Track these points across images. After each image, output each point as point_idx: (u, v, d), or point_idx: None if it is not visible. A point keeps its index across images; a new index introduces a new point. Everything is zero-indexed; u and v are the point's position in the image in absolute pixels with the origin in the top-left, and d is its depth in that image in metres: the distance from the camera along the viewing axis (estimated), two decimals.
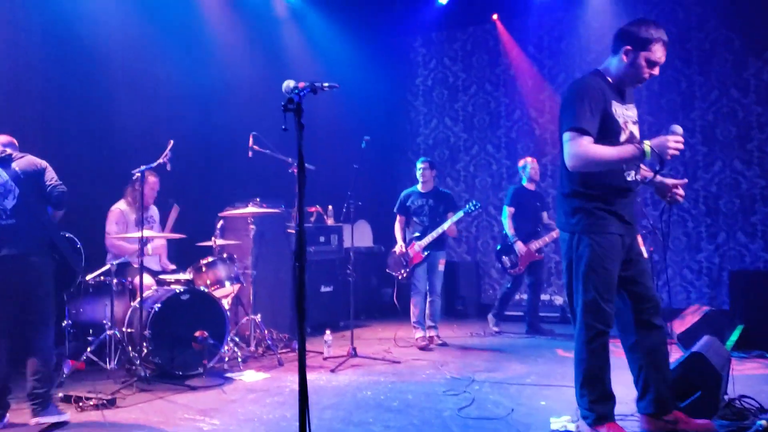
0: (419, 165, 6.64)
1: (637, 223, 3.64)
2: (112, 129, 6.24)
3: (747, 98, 7.61)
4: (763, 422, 3.48)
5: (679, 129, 3.19)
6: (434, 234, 6.37)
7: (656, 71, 3.34)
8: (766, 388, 4.37)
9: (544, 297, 8.50)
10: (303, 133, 2.19)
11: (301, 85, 2.34)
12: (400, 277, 6.52)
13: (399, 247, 6.51)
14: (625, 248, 3.41)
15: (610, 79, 3.37)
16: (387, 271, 6.69)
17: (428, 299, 6.52)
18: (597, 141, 3.20)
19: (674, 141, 3.15)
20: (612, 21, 8.43)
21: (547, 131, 8.87)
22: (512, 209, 7.01)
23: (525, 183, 7.18)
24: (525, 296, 7.57)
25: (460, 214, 6.33)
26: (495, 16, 9.15)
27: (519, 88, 9.10)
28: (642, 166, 3.50)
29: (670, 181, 3.49)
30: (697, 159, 7.99)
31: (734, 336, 5.56)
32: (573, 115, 3.19)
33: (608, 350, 3.47)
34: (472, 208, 6.37)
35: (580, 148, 3.16)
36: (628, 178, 3.37)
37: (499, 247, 7.22)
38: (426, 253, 6.42)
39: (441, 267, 6.52)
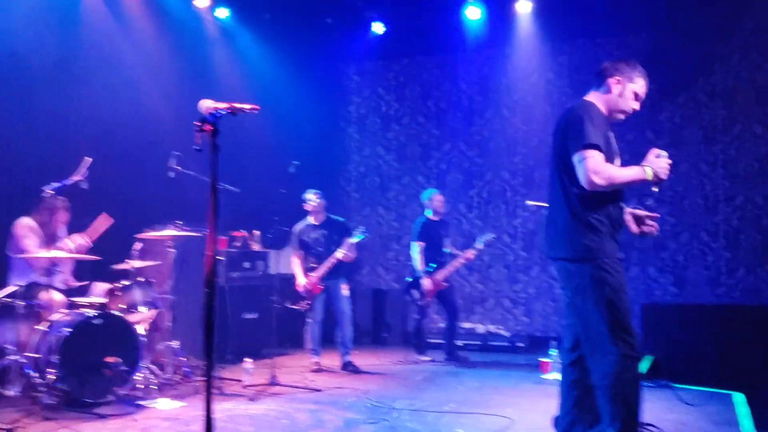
0: (311, 197, 6.63)
1: None
2: (24, 142, 5.97)
3: (660, 140, 7.97)
4: None
5: (664, 153, 3.27)
6: (327, 265, 6.45)
7: (638, 106, 3.43)
8: (670, 416, 4.56)
9: (467, 325, 8.62)
10: (218, 155, 2.15)
11: (221, 106, 2.31)
12: (302, 309, 6.52)
13: (301, 282, 6.53)
14: None
15: (602, 108, 3.41)
16: (287, 306, 6.68)
17: (339, 327, 6.56)
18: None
19: (666, 161, 3.22)
20: (539, 62, 8.79)
21: (475, 164, 9.07)
22: (421, 243, 7.11)
23: (430, 215, 7.29)
24: (434, 324, 7.71)
25: (350, 242, 6.45)
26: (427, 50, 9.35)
27: (449, 122, 9.29)
28: None
29: (643, 212, 3.53)
30: None
31: (644, 366, 5.75)
32: (585, 134, 3.16)
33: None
34: (360, 236, 6.47)
35: (601, 165, 3.13)
36: (622, 204, 3.41)
37: (410, 280, 7.28)
38: (323, 285, 6.48)
39: (344, 292, 6.60)
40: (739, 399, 5.19)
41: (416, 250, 7.13)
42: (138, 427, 4.32)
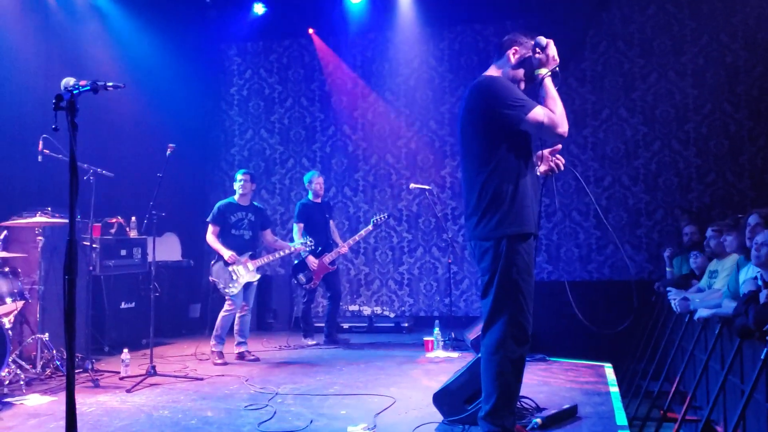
0: (240, 177, 6.48)
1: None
2: None
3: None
4: (538, 420, 3.82)
5: (542, 39, 3.37)
6: (270, 257, 6.50)
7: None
8: (544, 389, 4.82)
9: (353, 308, 8.74)
10: (76, 134, 2.04)
11: (81, 83, 2.19)
12: (225, 289, 6.23)
13: (231, 254, 6.22)
14: None
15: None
16: (211, 280, 6.36)
17: (239, 314, 6.37)
18: (516, 132, 3.23)
19: (544, 40, 3.35)
20: (419, 47, 8.93)
21: (360, 148, 9.13)
22: (301, 225, 7.15)
23: (311, 197, 7.32)
24: (321, 308, 7.76)
25: (297, 244, 6.65)
26: (311, 31, 9.27)
27: (333, 105, 9.28)
28: None
29: (546, 150, 3.52)
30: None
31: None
32: (524, 101, 3.18)
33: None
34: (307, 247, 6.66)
35: (552, 115, 3.16)
36: (537, 171, 3.42)
37: (296, 263, 7.26)
38: (258, 275, 6.37)
39: (255, 282, 6.44)
40: (608, 370, 5.55)
41: (297, 231, 7.13)
42: (3, 426, 4.05)
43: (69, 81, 2.24)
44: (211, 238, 6.39)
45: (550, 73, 3.31)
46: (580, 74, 8.49)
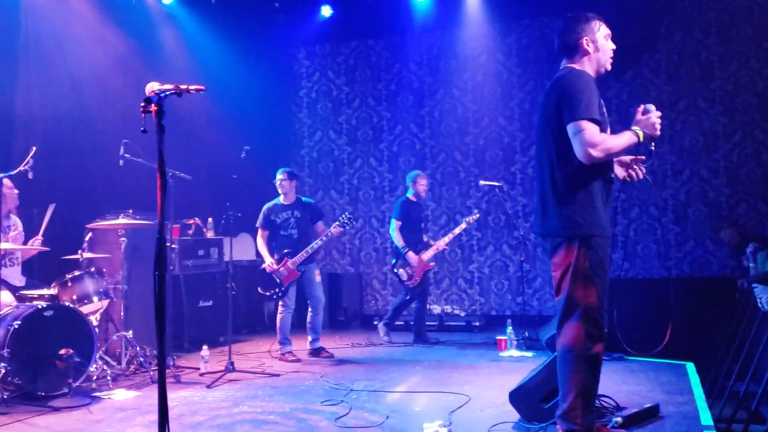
0: (279, 176, 6.51)
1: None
2: None
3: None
4: (618, 419, 3.73)
5: (652, 107, 3.24)
6: (309, 250, 6.32)
7: (613, 46, 3.36)
8: (624, 388, 4.70)
9: None
10: (166, 136, 2.13)
11: (165, 87, 2.28)
12: (274, 297, 6.37)
13: (269, 263, 6.30)
14: None
15: (590, 72, 3.31)
16: (259, 290, 6.45)
17: (311, 312, 6.46)
18: None
19: (657, 117, 3.19)
20: (487, 42, 8.86)
21: (427, 146, 9.13)
22: (399, 222, 7.11)
23: (410, 195, 7.30)
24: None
25: (338, 228, 6.30)
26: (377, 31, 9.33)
27: (400, 104, 9.31)
28: None
29: (629, 157, 3.44)
30: None
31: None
32: (583, 105, 3.07)
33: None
34: (346, 220, 6.34)
35: (597, 137, 3.04)
36: (612, 174, 3.34)
37: (394, 261, 7.23)
38: (301, 271, 6.37)
39: (318, 278, 6.48)
40: (690, 369, 5.37)
41: (394, 227, 7.09)
42: (93, 419, 4.25)
43: (153, 85, 2.33)
44: (259, 242, 6.48)
45: (641, 135, 3.17)
46: (654, 65, 8.23)
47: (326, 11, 8.89)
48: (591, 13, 3.37)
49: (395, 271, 7.15)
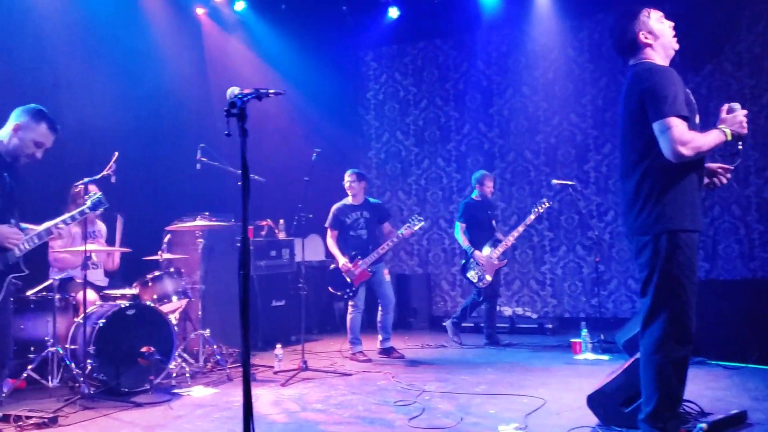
0: (347, 177, 6.57)
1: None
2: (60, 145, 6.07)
3: None
4: (703, 425, 3.58)
5: (737, 105, 3.16)
6: (380, 251, 6.37)
7: (671, 24, 3.28)
8: (707, 393, 4.51)
9: None
10: (247, 139, 2.17)
11: (246, 91, 2.33)
12: (346, 297, 6.41)
13: (344, 263, 6.34)
14: None
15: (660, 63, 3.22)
16: (330, 290, 6.52)
17: (381, 312, 6.50)
18: None
19: (743, 115, 3.11)
20: (557, 38, 8.68)
21: (496, 145, 9.02)
22: (464, 224, 7.06)
23: (475, 196, 7.24)
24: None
25: (409, 230, 6.35)
26: (444, 30, 9.28)
27: (468, 103, 9.23)
28: None
29: (715, 165, 3.37)
30: None
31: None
32: (669, 101, 2.99)
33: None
34: (416, 222, 6.38)
35: (686, 134, 2.97)
36: (704, 170, 3.25)
37: (463, 262, 7.18)
38: (372, 271, 6.41)
39: (387, 277, 6.53)
40: None
41: (458, 229, 7.06)
42: (174, 415, 4.39)
43: (234, 90, 2.38)
44: (330, 242, 6.51)
45: (728, 134, 3.08)
46: (735, 58, 7.87)
47: (393, 12, 8.91)
48: (635, 4, 3.28)
49: (466, 274, 7.09)
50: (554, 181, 7.22)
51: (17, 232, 3.43)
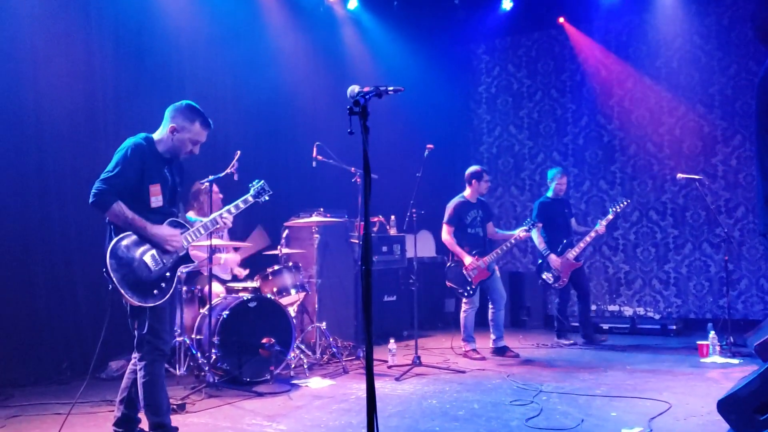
0: (487, 176, 6.61)
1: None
2: None
3: None
4: None
5: None
6: (499, 251, 6.35)
7: None
8: None
9: (612, 308, 8.34)
10: (368, 137, 2.19)
11: (366, 89, 2.35)
12: (466, 295, 6.35)
13: (471, 261, 6.25)
14: None
15: None
16: (448, 285, 6.47)
17: (492, 309, 6.41)
18: None
19: None
20: (681, 25, 8.23)
21: (616, 138, 8.66)
22: (540, 224, 6.90)
23: (550, 195, 7.11)
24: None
25: (525, 233, 6.39)
26: (561, 20, 9.00)
27: (586, 94, 8.92)
28: None
29: None
30: None
31: None
32: None
33: None
34: (530, 224, 6.38)
35: None
36: None
37: (540, 262, 7.07)
38: (492, 270, 6.37)
39: (498, 273, 6.49)
40: None
41: (535, 230, 6.91)
42: (293, 405, 4.52)
43: (354, 88, 2.41)
44: (449, 239, 6.41)
45: None
46: None
47: (507, 4, 8.74)
48: None
49: (541, 275, 6.98)
50: (679, 175, 6.85)
51: (176, 234, 3.54)
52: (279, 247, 5.91)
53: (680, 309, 8.10)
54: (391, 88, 2.45)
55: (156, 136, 3.63)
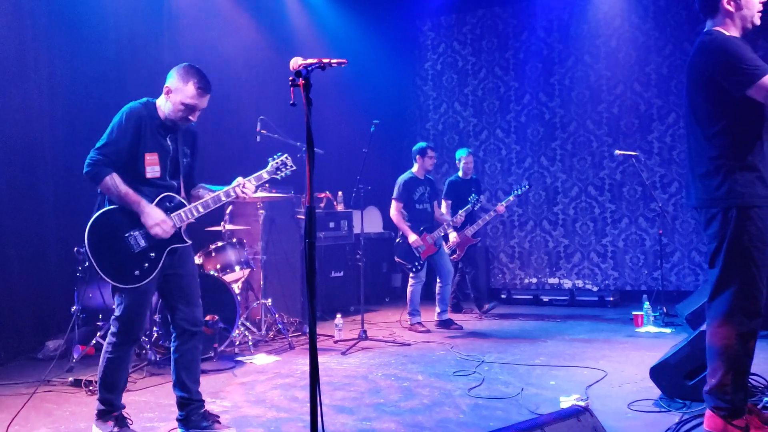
0: (433, 153, 6.67)
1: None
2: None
3: None
4: None
5: None
6: (446, 226, 6.52)
7: None
8: None
9: (552, 281, 8.57)
10: (311, 110, 2.18)
11: (309, 60, 2.33)
12: (414, 270, 6.43)
13: (416, 238, 6.33)
14: None
15: (736, 34, 3.10)
16: (397, 260, 6.55)
17: (440, 283, 6.53)
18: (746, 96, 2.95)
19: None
20: (621, 5, 8.41)
21: (557, 115, 8.83)
22: (449, 201, 7.14)
23: (460, 174, 7.32)
24: (519, 280, 7.59)
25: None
26: None
27: (528, 72, 9.05)
28: None
29: None
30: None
31: None
32: (751, 66, 2.89)
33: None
34: (474, 201, 6.68)
35: None
36: None
37: (441, 234, 7.23)
38: (438, 246, 6.47)
39: (447, 249, 6.60)
40: None
41: (445, 207, 7.14)
42: (238, 382, 4.52)
43: (297, 60, 2.37)
44: (397, 215, 6.48)
45: None
46: None
47: None
48: None
49: None
50: (617, 152, 7.06)
51: (163, 221, 3.24)
52: (222, 223, 5.84)
53: (617, 281, 8.39)
54: (334, 61, 2.43)
55: (158, 101, 3.35)
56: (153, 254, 3.27)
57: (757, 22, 3.13)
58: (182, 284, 3.43)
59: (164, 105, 3.31)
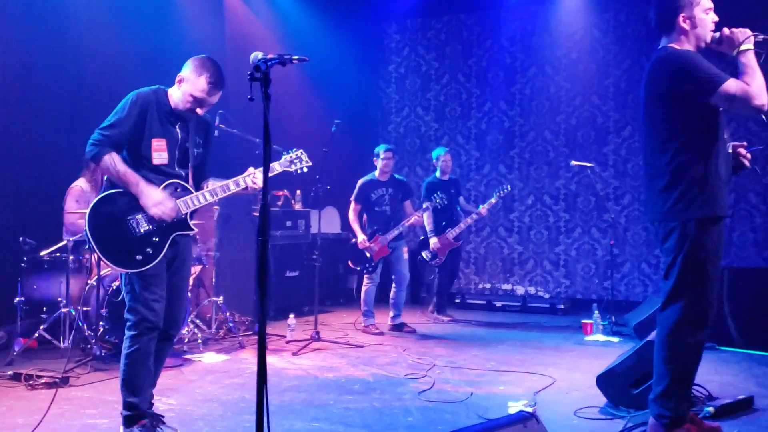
0: (386, 154, 6.55)
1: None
2: (79, 106, 6.06)
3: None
4: (711, 409, 3.63)
5: (717, 33, 3.12)
6: (401, 228, 6.39)
7: (716, 18, 3.18)
8: (716, 377, 4.50)
9: (506, 287, 8.66)
10: (269, 105, 2.15)
11: (270, 55, 2.30)
12: (365, 273, 6.44)
13: (363, 239, 6.36)
14: None
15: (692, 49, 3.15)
16: (350, 264, 6.56)
17: (395, 289, 6.53)
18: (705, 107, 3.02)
19: (727, 30, 3.07)
20: (584, 19, 8.55)
21: (516, 124, 8.93)
22: (428, 203, 7.03)
23: (438, 175, 7.27)
24: (474, 285, 7.64)
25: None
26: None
27: (490, 80, 9.13)
28: None
29: (738, 144, 3.28)
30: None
31: None
32: (709, 74, 2.94)
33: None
34: (438, 201, 6.59)
35: (746, 87, 2.91)
36: (730, 150, 3.19)
37: (421, 238, 7.32)
38: (392, 248, 6.43)
39: (406, 255, 6.55)
40: None
41: (426, 213, 7.02)
42: (185, 379, 4.44)
43: (257, 55, 2.34)
44: (351, 216, 6.50)
45: (749, 47, 3.01)
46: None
47: None
48: None
49: (421, 253, 7.16)
50: (573, 163, 7.17)
51: (164, 200, 3.14)
52: None
53: (568, 289, 8.52)
54: (295, 57, 2.41)
55: (171, 89, 3.31)
56: (156, 239, 3.17)
57: (709, 39, 3.18)
58: (175, 282, 3.35)
59: (175, 94, 3.28)
